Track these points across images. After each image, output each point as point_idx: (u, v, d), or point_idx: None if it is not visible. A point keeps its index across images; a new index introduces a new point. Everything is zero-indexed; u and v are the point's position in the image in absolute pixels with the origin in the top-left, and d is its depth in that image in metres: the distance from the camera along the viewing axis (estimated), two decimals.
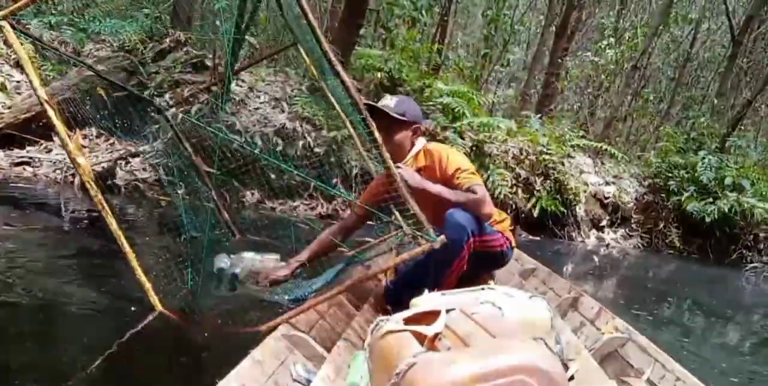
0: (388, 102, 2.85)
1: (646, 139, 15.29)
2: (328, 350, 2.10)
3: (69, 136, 2.52)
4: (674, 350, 3.75)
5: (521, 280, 3.42)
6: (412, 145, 2.88)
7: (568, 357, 2.09)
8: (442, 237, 2.25)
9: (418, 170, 2.79)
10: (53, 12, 7.96)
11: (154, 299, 2.47)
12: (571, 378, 1.96)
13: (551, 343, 1.48)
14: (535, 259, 4.00)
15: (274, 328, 2.08)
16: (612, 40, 14.95)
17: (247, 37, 8.07)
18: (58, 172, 6.11)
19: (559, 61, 14.65)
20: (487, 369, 1.19)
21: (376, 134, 2.28)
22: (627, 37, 15.52)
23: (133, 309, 2.67)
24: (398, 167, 2.71)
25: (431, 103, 8.18)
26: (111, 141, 6.97)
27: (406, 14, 10.27)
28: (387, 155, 2.27)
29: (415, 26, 10.75)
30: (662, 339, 4.06)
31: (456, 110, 7.93)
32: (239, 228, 4.75)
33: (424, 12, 10.67)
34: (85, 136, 6.89)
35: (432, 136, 7.45)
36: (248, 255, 3.43)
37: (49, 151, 6.43)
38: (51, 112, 2.43)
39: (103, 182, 5.99)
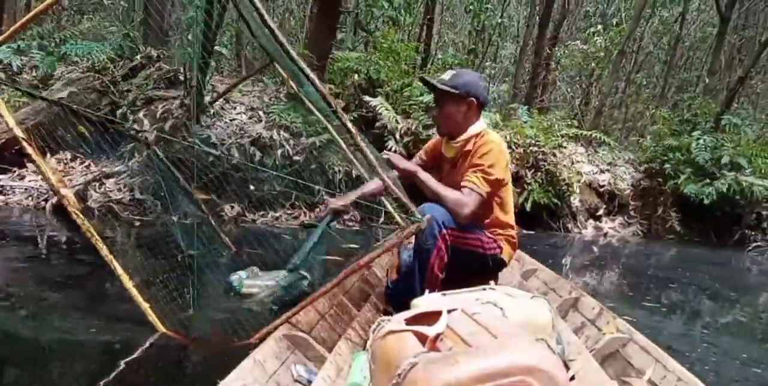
0: (444, 75, 2.78)
1: (644, 125, 15.07)
2: (329, 350, 2.11)
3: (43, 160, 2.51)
4: (684, 339, 3.65)
5: (522, 281, 3.40)
6: (468, 120, 2.77)
7: (569, 357, 2.11)
8: (428, 216, 2.31)
9: (465, 153, 2.76)
10: (22, 37, 7.85)
11: (155, 320, 2.48)
12: (572, 378, 1.96)
13: (552, 343, 1.46)
14: (531, 254, 4.01)
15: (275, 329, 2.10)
16: (600, 27, 14.78)
17: (218, 47, 8.00)
18: (30, 199, 6.00)
19: (548, 51, 14.50)
20: (489, 370, 1.19)
21: (349, 125, 2.23)
22: (614, 23, 15.35)
23: (128, 334, 2.59)
24: (386, 153, 2.74)
25: (411, 102, 8.03)
26: (86, 163, 6.85)
27: (385, 15, 10.17)
28: (362, 144, 2.22)
29: (395, 26, 10.65)
30: (670, 329, 3.95)
31: None
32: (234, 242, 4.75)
33: (402, 11, 10.58)
34: (59, 161, 6.78)
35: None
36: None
37: (22, 178, 6.33)
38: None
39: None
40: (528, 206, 8.31)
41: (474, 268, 2.71)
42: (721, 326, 4.42)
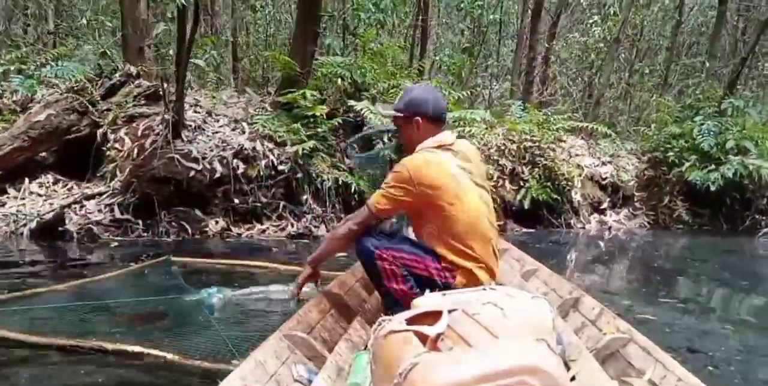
0: (397, 100, 2.72)
1: (649, 114, 14.73)
2: (330, 350, 2.12)
3: None
4: (706, 337, 3.49)
5: (523, 281, 3.36)
6: (422, 138, 2.60)
7: (569, 357, 2.10)
8: None
9: None
10: (2, 62, 7.80)
11: None
12: (573, 378, 1.96)
13: (553, 344, 1.46)
14: (533, 253, 3.99)
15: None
16: (597, 17, 14.51)
17: (194, 60, 7.88)
18: (9, 225, 5.90)
19: (546, 45, 14.23)
20: (489, 370, 1.18)
21: None
22: (612, 13, 15.06)
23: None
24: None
25: None
26: (69, 186, 6.74)
27: (372, 18, 9.99)
28: None
29: (383, 29, 10.48)
30: (690, 325, 3.79)
31: None
32: None
33: (389, 12, 10.41)
34: (41, 185, 6.68)
35: None
36: (275, 287, 3.66)
37: (2, 204, 6.22)
38: None
39: (54, 229, 5.78)
40: (526, 203, 8.07)
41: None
42: (743, 321, 4.20)
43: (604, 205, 9.20)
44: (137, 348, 2.65)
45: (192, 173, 6.38)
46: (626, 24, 11.66)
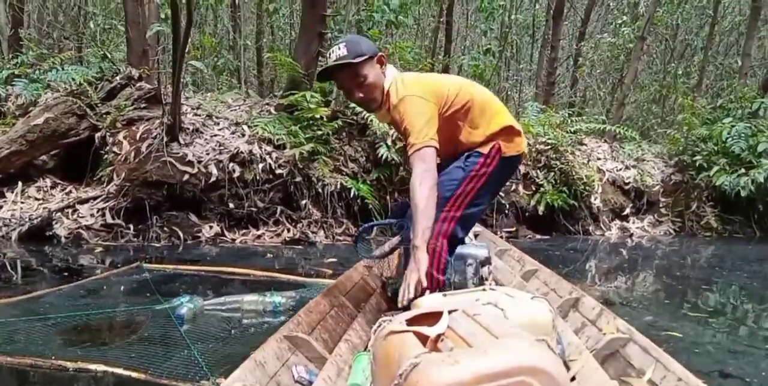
0: (340, 52, 2.56)
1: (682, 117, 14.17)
2: (330, 351, 2.13)
3: None
4: (743, 358, 3.16)
5: (523, 281, 3.38)
6: (383, 78, 2.60)
7: (569, 357, 2.11)
8: None
9: (393, 114, 2.56)
10: (8, 66, 7.78)
11: None
12: (573, 378, 1.97)
13: (553, 344, 1.47)
14: (549, 260, 4.12)
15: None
16: (627, 18, 14.03)
17: (193, 62, 7.73)
18: (2, 229, 5.81)
19: (575, 46, 13.81)
20: (489, 370, 1.19)
21: None
22: (642, 13, 14.58)
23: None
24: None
25: None
26: (67, 190, 6.64)
27: (384, 18, 9.76)
28: None
29: (397, 29, 10.25)
30: (711, 341, 3.49)
31: None
32: None
33: (403, 13, 10.16)
34: (39, 188, 6.59)
35: None
36: (249, 297, 3.53)
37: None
38: None
39: (41, 233, 5.67)
40: (541, 209, 7.68)
41: None
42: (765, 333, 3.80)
43: (627, 211, 8.73)
44: (101, 367, 2.45)
45: (186, 177, 6.22)
46: (651, 21, 11.08)
